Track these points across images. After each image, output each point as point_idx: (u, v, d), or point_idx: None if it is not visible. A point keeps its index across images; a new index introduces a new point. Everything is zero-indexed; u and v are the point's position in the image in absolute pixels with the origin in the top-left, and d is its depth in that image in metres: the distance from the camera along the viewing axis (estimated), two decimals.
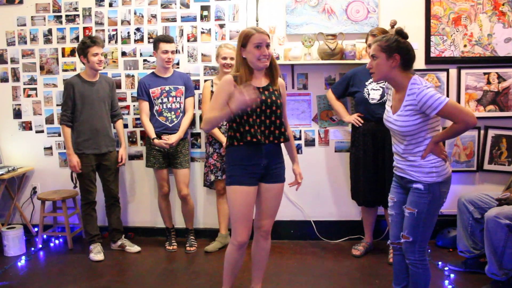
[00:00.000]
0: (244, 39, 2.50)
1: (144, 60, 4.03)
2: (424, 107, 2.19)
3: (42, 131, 4.16)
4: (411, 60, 2.31)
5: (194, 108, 3.86)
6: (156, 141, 3.64)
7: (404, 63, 2.28)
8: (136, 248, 3.80)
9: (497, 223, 2.81)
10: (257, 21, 3.80)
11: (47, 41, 4.08)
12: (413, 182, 2.33)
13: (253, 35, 2.48)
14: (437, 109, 2.17)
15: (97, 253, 3.63)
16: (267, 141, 2.52)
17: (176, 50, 3.87)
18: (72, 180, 3.79)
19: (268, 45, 2.50)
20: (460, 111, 2.19)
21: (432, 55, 3.78)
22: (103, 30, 4.02)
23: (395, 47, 2.26)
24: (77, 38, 4.04)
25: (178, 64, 3.99)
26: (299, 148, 3.97)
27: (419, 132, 2.27)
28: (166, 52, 3.63)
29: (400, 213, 2.44)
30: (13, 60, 4.13)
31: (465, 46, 3.78)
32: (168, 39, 3.65)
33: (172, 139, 3.64)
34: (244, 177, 2.52)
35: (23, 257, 3.67)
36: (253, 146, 2.50)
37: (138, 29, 4.01)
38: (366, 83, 3.44)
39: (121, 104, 3.98)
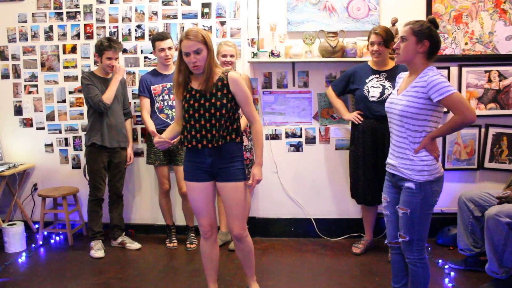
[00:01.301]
0: (180, 45, 2.47)
1: (145, 57, 4.03)
2: (431, 91, 2.20)
3: (43, 128, 4.16)
4: (437, 50, 2.34)
5: None
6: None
7: (430, 51, 2.31)
8: (136, 245, 3.81)
9: (498, 221, 2.81)
10: (258, 18, 3.79)
11: (48, 38, 4.08)
12: (405, 181, 2.32)
13: (181, 42, 2.44)
14: (443, 95, 2.18)
15: (97, 250, 3.63)
16: (210, 145, 2.50)
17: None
18: (85, 175, 3.77)
19: (198, 51, 2.40)
20: (462, 105, 2.20)
21: None
22: (104, 27, 4.02)
23: (427, 33, 2.28)
24: (77, 35, 4.04)
25: None
26: (299, 145, 3.98)
27: (418, 120, 2.27)
28: (163, 50, 3.61)
29: (395, 213, 2.43)
30: (14, 57, 4.13)
31: (466, 44, 3.77)
32: (162, 37, 3.61)
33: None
34: (194, 173, 2.60)
35: (24, 254, 3.68)
36: (194, 148, 2.55)
37: (139, 26, 4.01)
38: (366, 81, 3.43)
39: None
